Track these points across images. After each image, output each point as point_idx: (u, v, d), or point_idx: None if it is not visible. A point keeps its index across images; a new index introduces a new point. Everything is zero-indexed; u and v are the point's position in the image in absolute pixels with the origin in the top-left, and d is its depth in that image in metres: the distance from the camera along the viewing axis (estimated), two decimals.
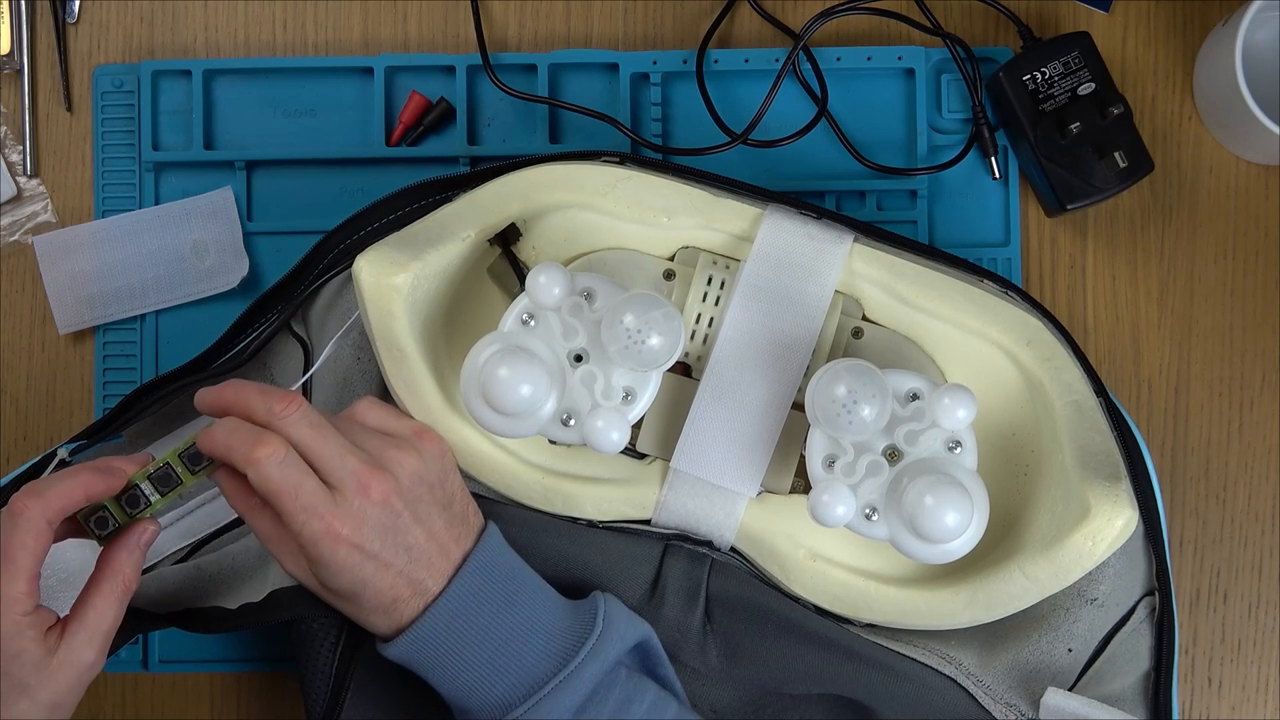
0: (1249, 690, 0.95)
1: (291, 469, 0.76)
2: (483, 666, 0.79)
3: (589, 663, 0.79)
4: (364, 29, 0.99)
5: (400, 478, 0.78)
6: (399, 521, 0.78)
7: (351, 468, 0.77)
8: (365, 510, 0.77)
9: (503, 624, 0.79)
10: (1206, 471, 0.96)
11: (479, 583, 0.80)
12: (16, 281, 0.97)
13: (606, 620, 0.80)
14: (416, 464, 0.80)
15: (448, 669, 0.79)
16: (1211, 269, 0.97)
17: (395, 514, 0.78)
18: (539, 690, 0.78)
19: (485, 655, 0.79)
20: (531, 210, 0.88)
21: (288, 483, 0.76)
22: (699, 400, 0.86)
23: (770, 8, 0.98)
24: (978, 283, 0.87)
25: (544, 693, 0.78)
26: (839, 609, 0.87)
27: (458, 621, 0.79)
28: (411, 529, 0.78)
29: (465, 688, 0.79)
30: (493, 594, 0.80)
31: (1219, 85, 0.92)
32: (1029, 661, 0.86)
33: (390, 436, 0.81)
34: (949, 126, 0.97)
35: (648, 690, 0.81)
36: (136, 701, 0.96)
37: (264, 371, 0.91)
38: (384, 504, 0.78)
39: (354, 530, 0.77)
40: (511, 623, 0.79)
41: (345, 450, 0.78)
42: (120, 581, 0.77)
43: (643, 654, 0.83)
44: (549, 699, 0.78)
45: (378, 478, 0.77)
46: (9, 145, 0.98)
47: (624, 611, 0.82)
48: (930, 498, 0.79)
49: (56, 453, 0.87)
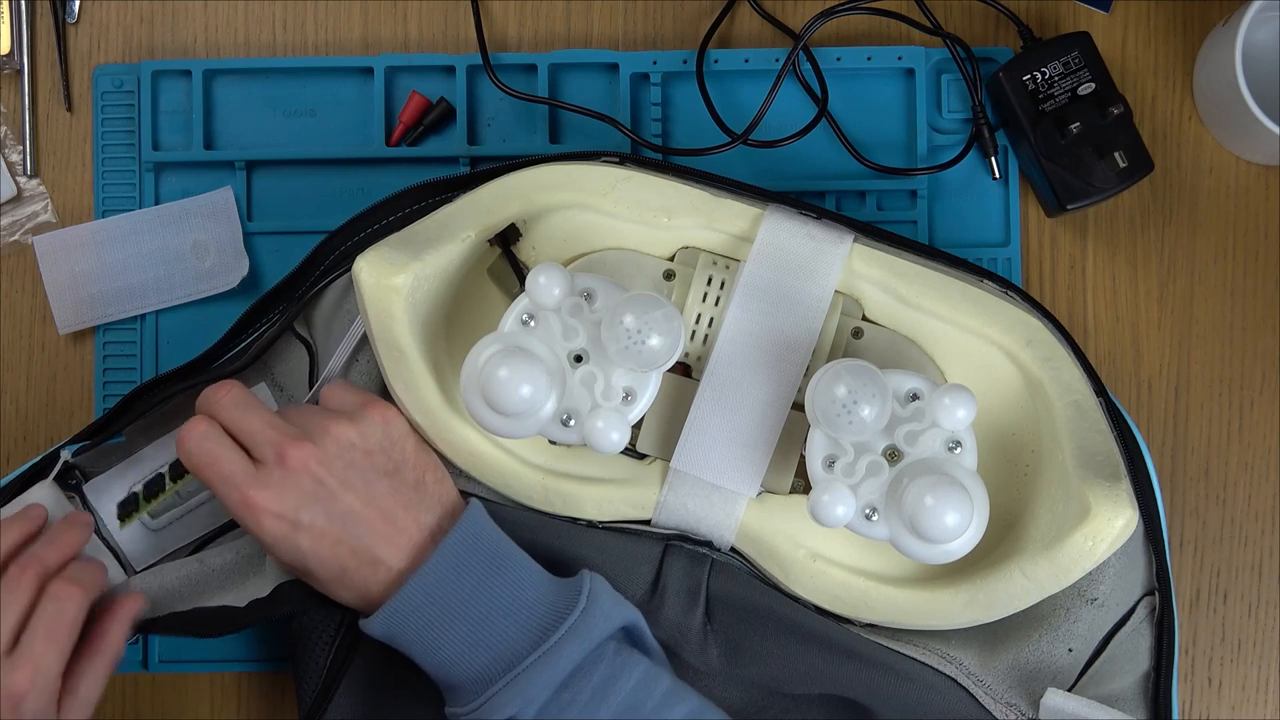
0: (1249, 690, 0.95)
1: (210, 443, 0.79)
2: (463, 640, 0.78)
3: (570, 639, 0.78)
4: (364, 29, 0.99)
5: (324, 445, 0.79)
6: (323, 489, 0.79)
7: (271, 439, 0.79)
8: (284, 479, 0.78)
9: (484, 598, 0.79)
10: (1206, 471, 0.96)
11: (460, 556, 0.80)
12: (16, 281, 0.97)
13: (591, 597, 0.80)
14: (347, 432, 0.80)
15: (428, 643, 0.79)
16: (1211, 269, 0.97)
17: (318, 481, 0.79)
18: (517, 665, 0.78)
19: (465, 629, 0.79)
20: (531, 210, 0.88)
21: (206, 456, 0.79)
22: (699, 400, 0.86)
23: (770, 8, 0.98)
24: (978, 283, 0.87)
25: (522, 667, 0.78)
26: (839, 609, 0.87)
27: (437, 594, 0.79)
28: (341, 495, 0.79)
29: (446, 662, 0.79)
30: (474, 568, 0.80)
31: (1219, 85, 0.92)
32: (1029, 661, 0.86)
33: (337, 412, 0.82)
34: (949, 126, 0.97)
35: (635, 666, 0.80)
36: (136, 701, 0.96)
37: (266, 373, 0.91)
38: (303, 471, 0.78)
39: (272, 499, 0.78)
40: (493, 597, 0.79)
41: (268, 425, 0.80)
42: (111, 655, 0.80)
43: (632, 639, 0.83)
44: (527, 674, 0.77)
45: (295, 446, 0.79)
46: (9, 145, 0.98)
47: (610, 593, 0.82)
48: (930, 498, 0.79)
49: (59, 454, 0.87)
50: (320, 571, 0.80)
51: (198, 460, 0.79)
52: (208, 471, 0.79)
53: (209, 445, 0.79)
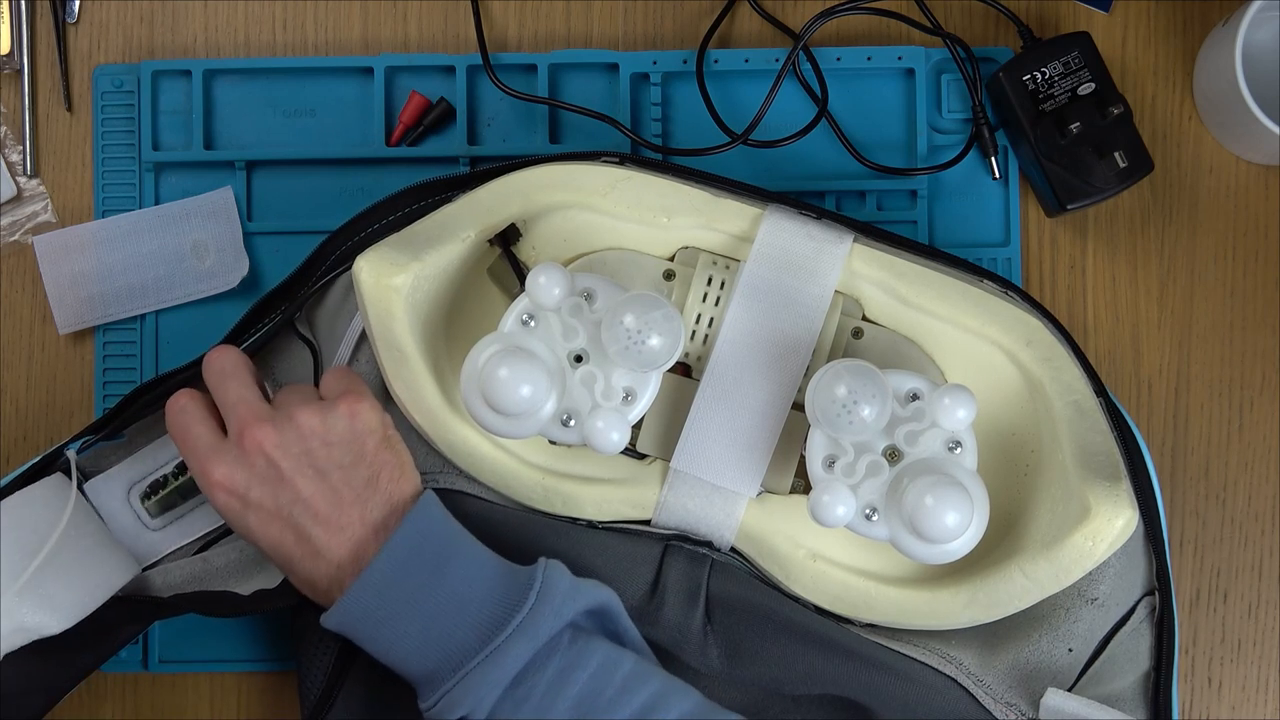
0: (1249, 690, 0.95)
1: (186, 415, 0.82)
2: (415, 638, 0.78)
3: (517, 638, 0.77)
4: (364, 29, 0.99)
5: (284, 430, 0.80)
6: (274, 471, 0.79)
7: (239, 414, 0.80)
8: (240, 457, 0.79)
9: (433, 595, 0.78)
10: (1206, 471, 0.96)
11: (407, 554, 0.79)
12: (16, 281, 0.97)
13: (542, 592, 0.78)
14: (313, 420, 0.80)
15: (381, 641, 0.79)
16: (1211, 269, 0.97)
17: (271, 463, 0.79)
18: (465, 665, 0.77)
19: (417, 627, 0.78)
20: (531, 210, 0.88)
21: (179, 427, 0.81)
22: (699, 400, 0.86)
23: (770, 8, 0.98)
24: (977, 283, 0.87)
25: (469, 667, 0.77)
26: (839, 609, 0.87)
27: (387, 593, 0.78)
28: (291, 480, 0.79)
29: (401, 660, 0.78)
30: (422, 565, 0.79)
31: (1219, 85, 0.92)
32: (1029, 661, 0.86)
33: (312, 400, 0.82)
34: (949, 126, 0.97)
35: (593, 654, 0.78)
36: (136, 701, 0.96)
37: (267, 372, 0.91)
38: (257, 452, 0.79)
39: (226, 474, 0.79)
40: (442, 594, 0.78)
41: (240, 399, 0.81)
42: None
43: (601, 618, 0.81)
44: (475, 673, 0.77)
45: (256, 427, 0.80)
46: (9, 145, 0.98)
47: (567, 580, 0.80)
48: (930, 498, 0.79)
49: (64, 452, 0.87)
50: (270, 554, 0.81)
51: (172, 431, 0.82)
52: (179, 442, 0.82)
53: (183, 418, 0.82)
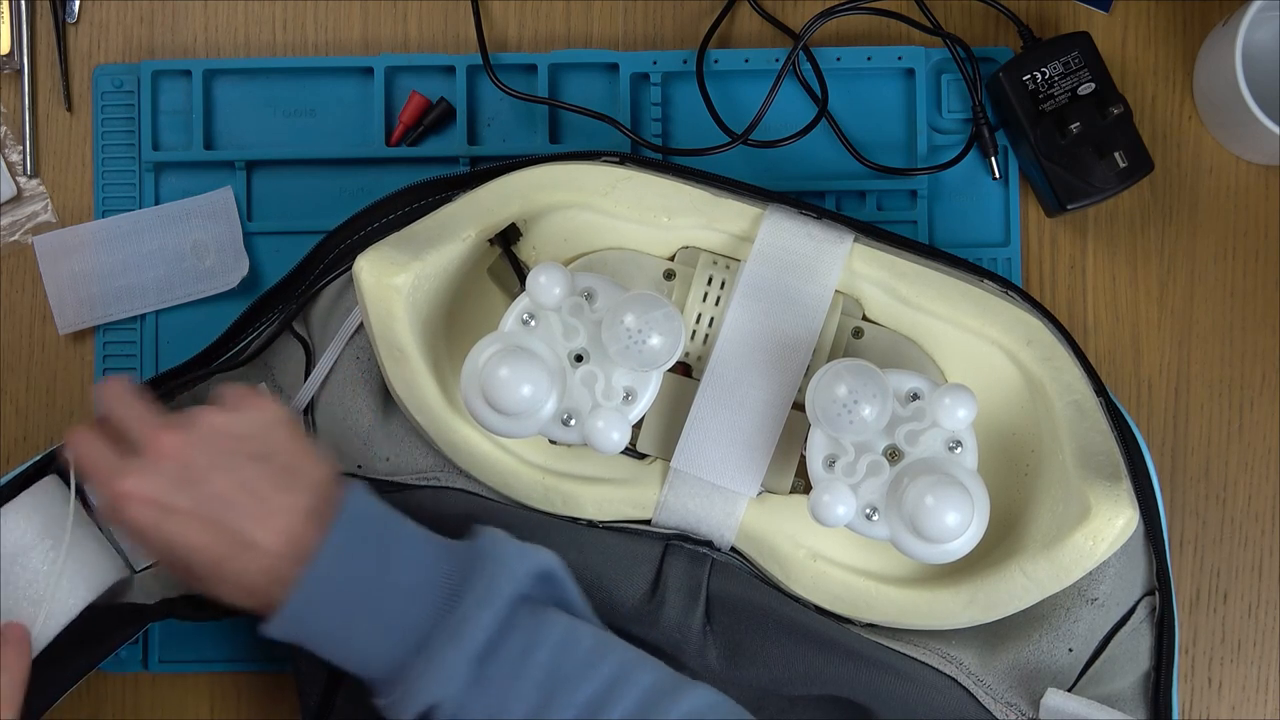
0: (1249, 690, 0.95)
1: (84, 445, 0.80)
2: (370, 628, 0.75)
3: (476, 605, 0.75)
4: (364, 29, 0.99)
5: (192, 431, 0.79)
6: (190, 472, 0.78)
7: (140, 428, 0.80)
8: (150, 465, 0.78)
9: (382, 580, 0.76)
10: (1206, 471, 0.96)
11: (350, 539, 0.77)
12: (16, 281, 0.97)
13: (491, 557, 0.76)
14: (221, 419, 0.80)
15: (336, 639, 0.76)
16: (1211, 269, 0.97)
17: (185, 464, 0.78)
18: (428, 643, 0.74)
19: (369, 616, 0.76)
20: (531, 210, 0.88)
21: (79, 459, 0.81)
22: (699, 400, 0.86)
23: (770, 8, 0.98)
24: (978, 283, 0.87)
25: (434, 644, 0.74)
26: (839, 609, 0.87)
27: (334, 588, 0.76)
28: (210, 477, 0.77)
29: (358, 654, 0.76)
30: (368, 548, 0.77)
31: (1219, 85, 0.92)
32: (1029, 661, 0.86)
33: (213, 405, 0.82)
34: (949, 126, 0.97)
35: (552, 628, 0.76)
36: (136, 701, 0.96)
37: (266, 372, 0.91)
38: (170, 456, 0.78)
39: (137, 485, 0.78)
40: (390, 578, 0.76)
41: (138, 417, 0.80)
42: None
43: (549, 584, 0.79)
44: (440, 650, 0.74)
45: (166, 432, 0.79)
46: (9, 145, 0.98)
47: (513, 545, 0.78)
48: (931, 497, 0.79)
49: (62, 454, 0.87)
50: (196, 561, 0.77)
51: (77, 461, 0.81)
52: (84, 471, 0.81)
53: (81, 449, 0.80)
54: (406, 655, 0.75)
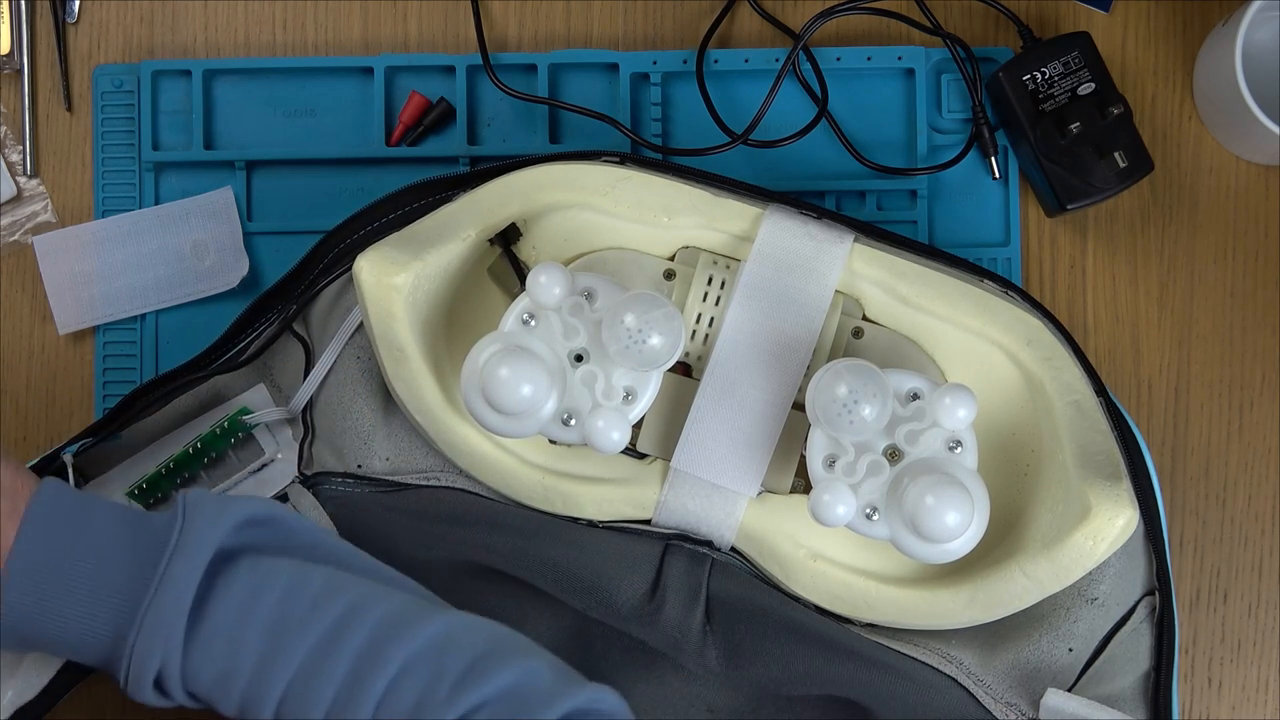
0: (1249, 690, 0.95)
1: None
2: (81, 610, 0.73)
3: (177, 559, 0.73)
4: (364, 29, 0.99)
5: None
6: None
7: None
8: None
9: (84, 556, 0.74)
10: (1206, 471, 0.96)
11: (46, 522, 0.74)
12: (16, 281, 0.97)
13: (188, 514, 0.74)
14: None
15: (53, 630, 0.74)
16: (1211, 269, 0.97)
17: None
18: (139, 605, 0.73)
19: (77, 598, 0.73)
20: (531, 210, 0.88)
21: None
22: (699, 400, 0.86)
23: (770, 8, 0.98)
24: (978, 282, 0.87)
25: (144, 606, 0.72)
26: (839, 609, 0.87)
27: (42, 564, 0.73)
28: None
29: (78, 638, 0.74)
30: (66, 527, 0.74)
31: (1219, 85, 0.92)
32: (1029, 661, 0.86)
33: None
34: (949, 126, 0.97)
35: (279, 575, 0.74)
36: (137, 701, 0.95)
37: (265, 372, 0.91)
38: None
39: None
40: (92, 551, 0.74)
41: None
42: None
43: (273, 530, 0.77)
44: (153, 609, 0.72)
45: None
46: (9, 145, 0.98)
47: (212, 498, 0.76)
48: (931, 497, 0.79)
49: (61, 455, 0.87)
50: None
51: None
52: None
53: None
54: (121, 628, 0.73)
